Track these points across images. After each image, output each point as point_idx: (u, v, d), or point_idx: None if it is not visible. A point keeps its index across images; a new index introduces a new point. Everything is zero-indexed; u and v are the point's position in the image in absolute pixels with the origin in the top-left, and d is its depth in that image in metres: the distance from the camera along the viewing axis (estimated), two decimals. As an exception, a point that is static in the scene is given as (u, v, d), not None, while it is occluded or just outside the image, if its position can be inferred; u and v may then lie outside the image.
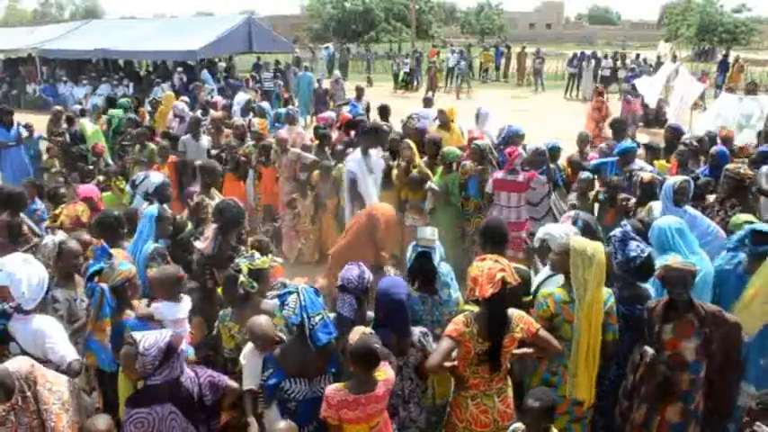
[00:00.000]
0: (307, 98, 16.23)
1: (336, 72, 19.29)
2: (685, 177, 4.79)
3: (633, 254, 3.50)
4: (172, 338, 2.77)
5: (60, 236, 4.28)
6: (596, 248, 3.36)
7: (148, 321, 3.54)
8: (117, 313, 3.57)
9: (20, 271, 3.21)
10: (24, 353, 3.18)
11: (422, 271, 3.67)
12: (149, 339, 2.74)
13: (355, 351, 2.81)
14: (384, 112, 9.05)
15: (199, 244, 4.32)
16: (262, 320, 3.22)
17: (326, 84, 16.63)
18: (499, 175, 5.91)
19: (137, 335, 2.81)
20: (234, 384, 3.07)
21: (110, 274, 3.53)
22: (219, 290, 3.92)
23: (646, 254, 3.51)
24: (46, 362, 3.19)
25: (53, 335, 3.22)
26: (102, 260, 3.65)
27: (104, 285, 3.45)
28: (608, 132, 10.10)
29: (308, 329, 2.98)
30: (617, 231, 3.67)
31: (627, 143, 6.62)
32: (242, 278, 3.54)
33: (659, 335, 3.35)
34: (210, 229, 4.40)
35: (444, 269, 3.81)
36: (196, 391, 2.87)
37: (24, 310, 3.22)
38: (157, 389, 2.75)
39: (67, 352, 3.22)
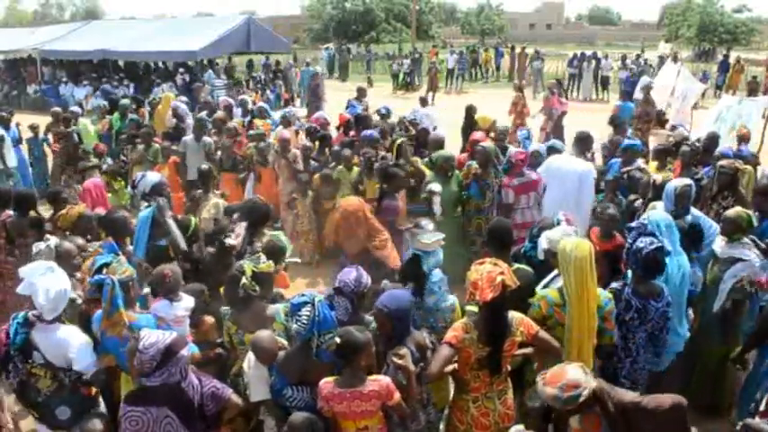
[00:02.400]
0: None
1: (318, 68, 19.67)
2: (687, 182, 4.73)
3: (641, 245, 3.44)
4: (173, 341, 2.72)
5: (53, 240, 4.26)
6: (577, 246, 3.29)
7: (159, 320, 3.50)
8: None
9: (40, 281, 3.15)
10: (47, 362, 3.17)
11: (409, 274, 3.64)
12: (150, 338, 2.70)
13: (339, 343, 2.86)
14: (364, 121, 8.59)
15: (230, 240, 4.32)
16: (265, 336, 3.14)
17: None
18: (515, 181, 5.89)
19: (142, 332, 2.78)
20: (237, 399, 3.02)
21: (117, 268, 3.47)
22: (221, 289, 3.88)
23: (653, 246, 3.42)
24: (69, 370, 3.20)
25: (77, 345, 3.19)
26: (109, 256, 3.61)
27: (114, 277, 3.34)
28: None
29: (315, 346, 2.96)
30: (636, 223, 3.61)
31: (630, 141, 6.60)
32: (244, 280, 3.50)
33: (566, 425, 2.84)
34: (241, 227, 4.43)
35: (436, 276, 3.70)
36: (197, 399, 2.83)
37: (46, 319, 3.17)
38: (155, 391, 2.71)
39: (91, 362, 3.19)
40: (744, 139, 7.37)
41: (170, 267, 3.73)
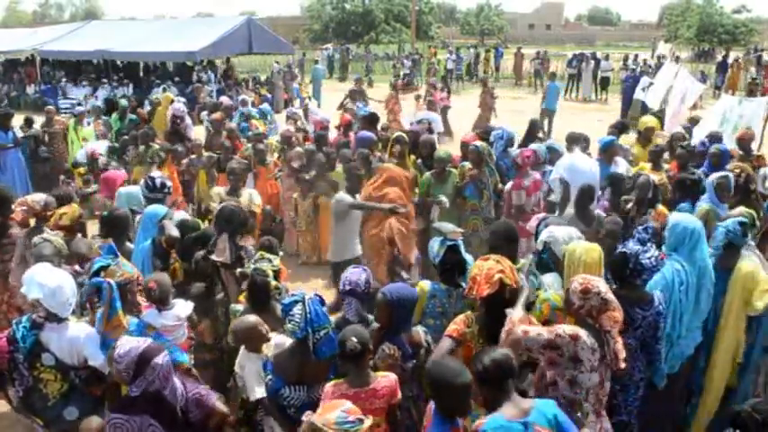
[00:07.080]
0: (320, 89, 19.25)
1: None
2: (724, 174, 4.85)
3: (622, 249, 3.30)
4: (146, 349, 2.64)
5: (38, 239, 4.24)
6: (587, 251, 3.18)
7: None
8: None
9: (52, 281, 3.12)
10: (59, 362, 3.14)
11: (452, 264, 3.62)
12: (124, 347, 2.63)
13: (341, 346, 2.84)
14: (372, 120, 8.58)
15: (216, 257, 4.28)
16: (251, 319, 3.15)
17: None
18: (526, 182, 5.84)
19: (120, 340, 2.73)
20: (222, 407, 2.94)
21: (115, 271, 3.46)
22: (242, 296, 3.79)
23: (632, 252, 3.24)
24: (80, 369, 3.19)
25: (91, 341, 3.17)
26: (107, 258, 3.60)
27: (111, 281, 3.32)
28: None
29: (311, 343, 2.95)
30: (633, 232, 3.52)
31: (607, 137, 6.55)
32: (275, 284, 3.54)
33: None
34: (222, 240, 4.37)
35: (469, 260, 3.76)
36: (181, 405, 2.77)
37: (59, 318, 3.14)
38: (135, 400, 2.65)
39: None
40: (744, 140, 7.22)
41: (155, 278, 3.58)
